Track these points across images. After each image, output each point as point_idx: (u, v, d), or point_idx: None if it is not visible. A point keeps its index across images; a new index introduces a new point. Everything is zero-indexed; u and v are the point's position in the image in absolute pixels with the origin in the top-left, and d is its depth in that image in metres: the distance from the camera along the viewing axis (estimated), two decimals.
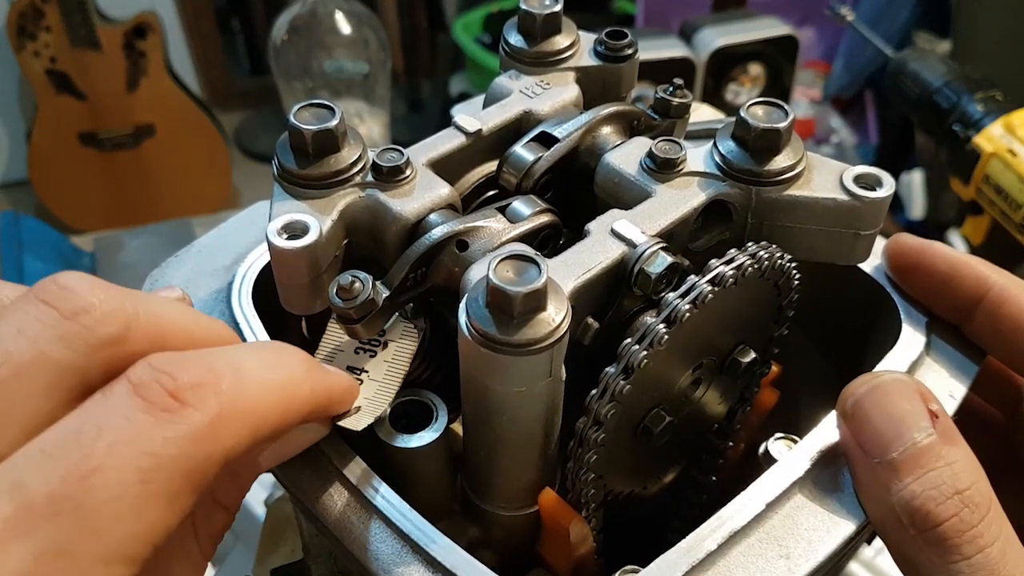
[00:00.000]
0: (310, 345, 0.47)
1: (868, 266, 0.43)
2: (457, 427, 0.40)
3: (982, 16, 1.14)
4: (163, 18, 2.31)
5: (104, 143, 2.36)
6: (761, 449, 0.41)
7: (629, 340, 0.33)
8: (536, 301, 0.31)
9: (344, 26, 1.29)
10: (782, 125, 0.38)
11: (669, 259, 0.35)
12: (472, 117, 0.43)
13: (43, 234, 1.38)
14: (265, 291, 0.42)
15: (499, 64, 0.48)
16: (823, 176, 0.39)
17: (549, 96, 0.44)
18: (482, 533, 0.40)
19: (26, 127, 2.42)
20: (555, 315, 0.31)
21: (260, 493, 0.73)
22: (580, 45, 0.47)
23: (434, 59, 1.81)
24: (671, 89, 0.45)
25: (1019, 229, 0.74)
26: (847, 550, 0.34)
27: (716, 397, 0.41)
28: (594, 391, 0.34)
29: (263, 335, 0.41)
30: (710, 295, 0.34)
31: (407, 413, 0.38)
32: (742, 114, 0.38)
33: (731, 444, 0.45)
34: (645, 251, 0.35)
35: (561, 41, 0.46)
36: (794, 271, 0.38)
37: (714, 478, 0.46)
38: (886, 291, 0.42)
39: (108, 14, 2.25)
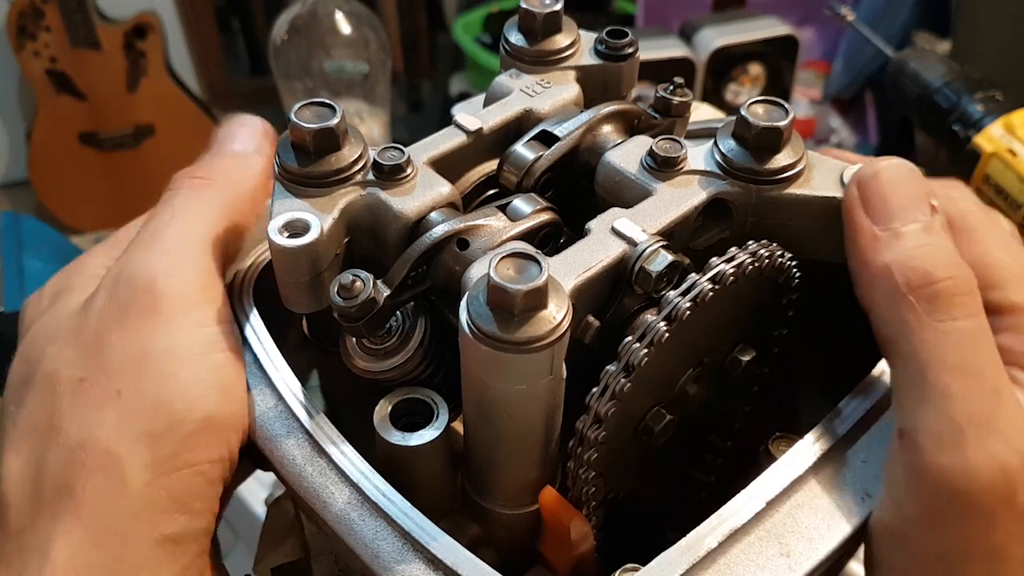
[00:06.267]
0: (312, 344, 0.47)
1: None
2: (458, 425, 0.40)
3: (982, 16, 1.14)
4: (163, 18, 2.29)
5: (104, 143, 2.35)
6: (762, 448, 0.41)
7: (630, 338, 0.33)
8: (537, 299, 0.31)
9: (344, 26, 1.29)
10: (782, 123, 0.38)
11: (670, 257, 0.35)
12: (472, 116, 0.43)
13: (43, 234, 1.38)
14: (268, 290, 0.42)
15: (499, 63, 0.48)
16: (823, 174, 0.39)
17: (550, 95, 0.44)
18: (483, 531, 0.40)
19: (26, 127, 2.41)
20: (556, 313, 0.31)
21: (260, 493, 0.73)
22: (580, 44, 0.47)
23: (434, 59, 1.81)
24: (671, 88, 0.45)
25: (1019, 229, 0.74)
26: (847, 548, 0.34)
27: (717, 396, 0.41)
28: (595, 389, 0.34)
29: (264, 334, 0.41)
30: (710, 293, 0.34)
31: (408, 411, 0.38)
32: (742, 112, 0.38)
33: (731, 444, 0.45)
34: (646, 249, 0.35)
35: (562, 40, 0.46)
36: (794, 270, 0.38)
37: (713, 478, 0.46)
38: None
39: (108, 14, 2.24)
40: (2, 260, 1.19)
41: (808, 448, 0.35)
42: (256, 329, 0.41)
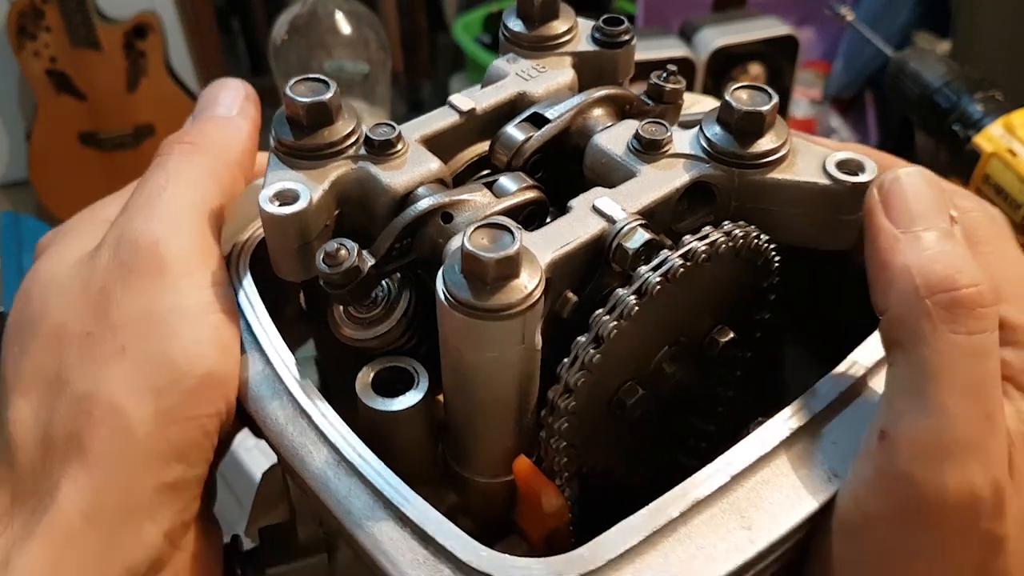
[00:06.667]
0: (308, 316, 0.49)
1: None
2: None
3: (982, 16, 1.14)
4: (163, 18, 2.28)
5: (104, 143, 2.34)
6: (744, 432, 0.42)
7: (600, 311, 0.34)
8: (509, 268, 0.32)
9: (344, 26, 1.30)
10: (765, 108, 0.38)
11: (647, 236, 0.36)
12: (467, 97, 0.44)
13: (43, 234, 1.39)
14: (268, 263, 0.43)
15: (499, 49, 0.49)
16: (807, 160, 0.40)
17: (544, 79, 0.45)
18: (461, 500, 0.41)
19: (26, 127, 2.39)
20: (528, 283, 0.32)
21: (264, 464, 0.74)
22: (578, 31, 0.48)
23: (434, 59, 1.83)
24: (665, 75, 0.46)
25: (1019, 229, 0.73)
26: (810, 527, 0.35)
27: (696, 377, 0.42)
28: (565, 359, 0.35)
29: (258, 302, 0.42)
30: (681, 270, 0.34)
31: (390, 379, 0.39)
32: (727, 98, 0.39)
33: (715, 428, 0.46)
34: (624, 227, 0.36)
35: (559, 26, 0.47)
36: (773, 252, 0.39)
37: (698, 463, 0.46)
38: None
39: (108, 14, 2.24)
40: (2, 260, 1.21)
41: (778, 426, 0.36)
42: (250, 298, 0.42)
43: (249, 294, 0.42)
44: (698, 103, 0.59)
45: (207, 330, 0.38)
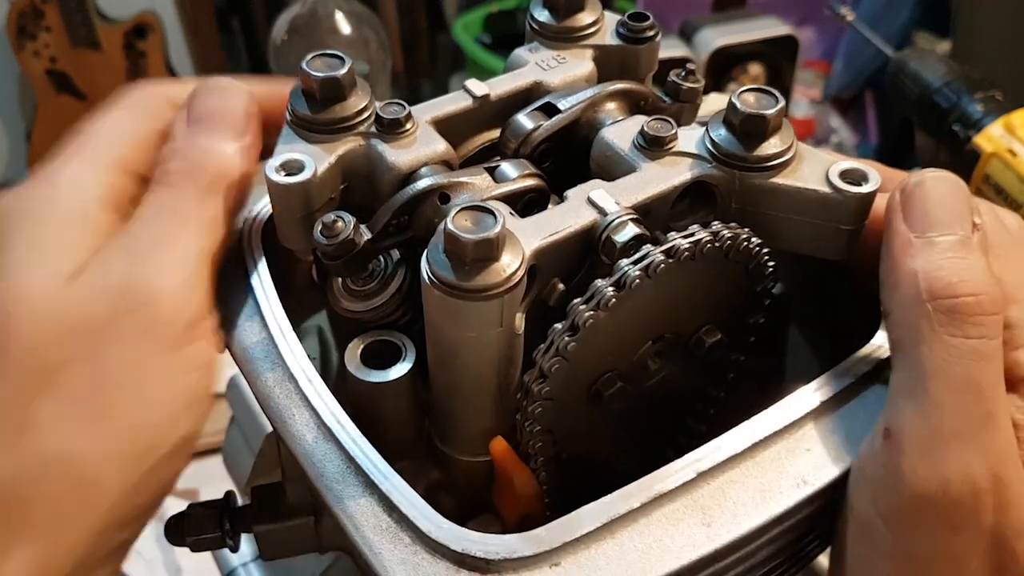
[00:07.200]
0: (318, 288, 0.50)
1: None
2: None
3: (982, 16, 1.13)
4: (163, 18, 2.26)
5: None
6: None
7: (578, 300, 0.35)
8: (488, 250, 0.32)
9: (344, 26, 1.30)
10: (769, 112, 0.38)
11: (636, 230, 0.36)
12: (482, 83, 0.45)
13: None
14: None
15: (524, 38, 0.50)
16: (811, 167, 0.39)
17: (562, 70, 0.46)
18: (443, 476, 0.42)
19: (26, 127, 2.35)
20: (508, 266, 0.33)
21: None
22: (604, 25, 0.48)
23: (434, 59, 1.83)
24: (683, 73, 0.46)
25: None
26: (777, 531, 0.35)
27: (683, 375, 0.42)
28: (542, 345, 0.35)
29: (266, 274, 0.43)
30: (662, 265, 0.35)
31: (380, 352, 0.40)
32: (733, 99, 0.39)
33: (706, 428, 0.46)
34: (614, 220, 0.37)
35: (584, 18, 0.47)
36: (765, 256, 0.39)
37: None
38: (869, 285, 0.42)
39: (108, 14, 2.22)
40: None
41: (752, 428, 0.36)
42: (259, 268, 0.43)
43: (259, 265, 0.43)
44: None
45: (184, 392, 0.37)
